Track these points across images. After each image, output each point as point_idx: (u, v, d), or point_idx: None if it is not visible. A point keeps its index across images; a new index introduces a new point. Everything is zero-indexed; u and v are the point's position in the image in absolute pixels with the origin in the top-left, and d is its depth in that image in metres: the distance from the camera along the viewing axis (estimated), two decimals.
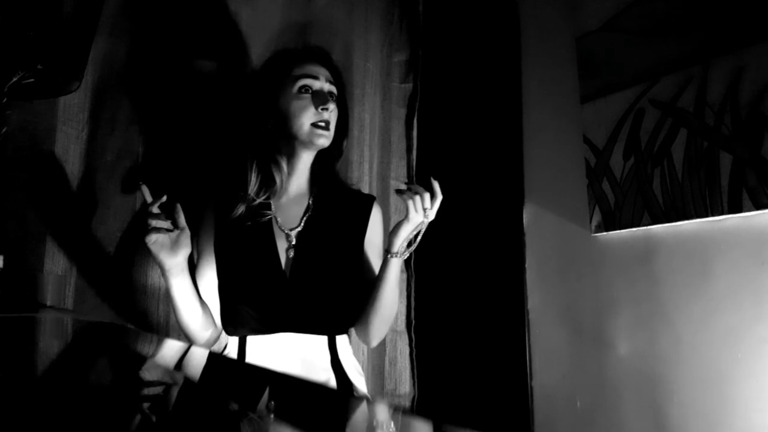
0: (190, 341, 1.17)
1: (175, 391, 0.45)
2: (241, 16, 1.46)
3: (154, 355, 0.70)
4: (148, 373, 0.55)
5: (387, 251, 1.16)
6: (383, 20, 1.75)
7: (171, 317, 1.30)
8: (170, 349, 0.79)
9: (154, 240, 1.05)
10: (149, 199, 1.08)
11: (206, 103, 1.38)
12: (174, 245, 1.07)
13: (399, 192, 1.15)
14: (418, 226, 1.14)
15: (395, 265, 1.16)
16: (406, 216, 1.12)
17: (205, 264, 1.20)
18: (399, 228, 1.14)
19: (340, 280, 1.19)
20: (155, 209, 1.06)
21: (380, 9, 1.75)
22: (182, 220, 1.09)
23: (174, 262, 1.07)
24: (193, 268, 1.19)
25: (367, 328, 1.22)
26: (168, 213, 1.09)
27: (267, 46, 1.49)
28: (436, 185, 1.14)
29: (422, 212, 1.11)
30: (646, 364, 1.29)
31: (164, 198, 1.07)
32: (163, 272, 1.09)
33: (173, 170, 1.33)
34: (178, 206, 1.10)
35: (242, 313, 1.13)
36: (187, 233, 1.09)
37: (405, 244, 1.15)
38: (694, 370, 1.21)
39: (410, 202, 1.11)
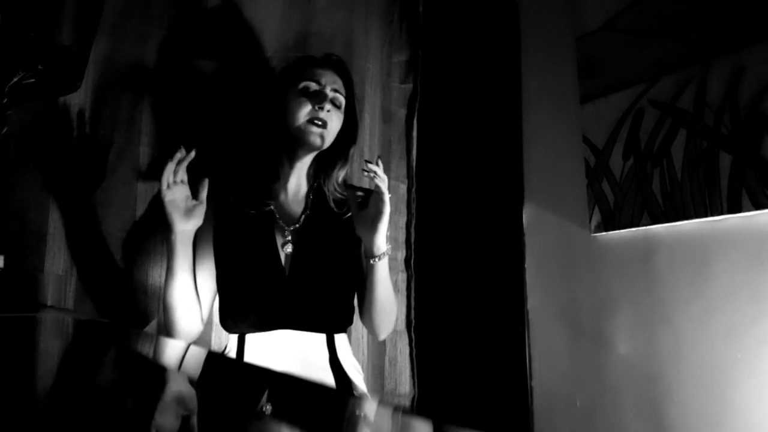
0: (171, 334, 1.14)
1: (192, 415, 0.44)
2: (240, 14, 1.46)
3: (156, 357, 0.70)
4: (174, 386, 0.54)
5: (370, 257, 1.12)
6: (383, 20, 1.75)
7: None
8: (173, 350, 0.79)
9: (170, 197, 1.07)
10: (183, 163, 1.10)
11: (206, 100, 1.38)
12: (187, 211, 1.10)
13: (367, 174, 1.07)
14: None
15: (384, 267, 1.15)
16: (380, 209, 1.08)
17: (203, 259, 1.20)
18: (376, 227, 1.09)
19: (340, 277, 1.19)
20: (181, 167, 1.09)
21: (380, 9, 1.75)
22: (204, 194, 1.12)
23: (184, 227, 1.10)
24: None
25: (371, 326, 1.25)
26: (193, 184, 1.13)
27: (267, 46, 1.49)
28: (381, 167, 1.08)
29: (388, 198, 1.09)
30: (646, 363, 1.29)
31: (193, 153, 1.10)
32: (171, 238, 1.09)
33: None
34: (206, 181, 1.13)
35: (241, 309, 1.13)
36: (203, 208, 1.12)
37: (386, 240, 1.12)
38: (693, 369, 1.21)
39: (387, 194, 1.07)
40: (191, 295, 1.13)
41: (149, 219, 1.29)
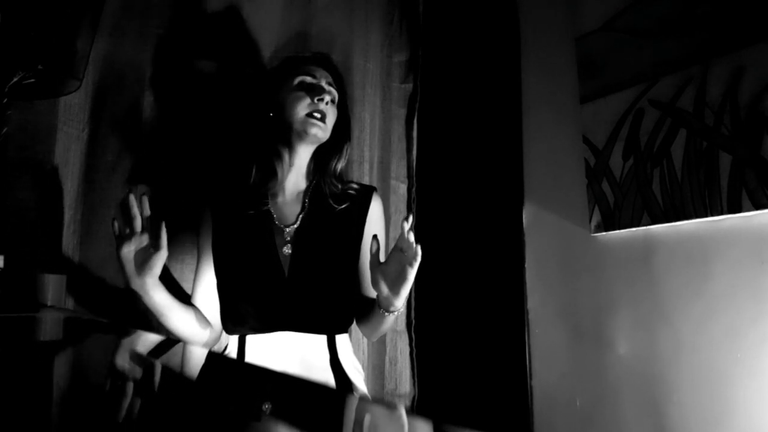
0: (188, 343, 1.16)
1: (154, 381, 0.45)
2: (240, 15, 1.46)
3: (131, 346, 0.70)
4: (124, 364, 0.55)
5: (384, 309, 1.10)
6: (383, 21, 1.75)
7: None
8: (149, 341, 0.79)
9: (125, 250, 0.99)
10: (135, 210, 1.00)
11: (204, 101, 1.38)
12: (142, 264, 1.01)
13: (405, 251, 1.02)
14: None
15: (392, 318, 1.14)
16: (405, 274, 1.02)
17: (205, 264, 1.20)
18: (398, 291, 1.04)
19: (339, 277, 1.19)
20: (136, 216, 1.00)
21: (380, 9, 1.75)
22: (163, 241, 1.01)
23: (140, 281, 1.01)
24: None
25: (364, 334, 1.32)
26: (151, 230, 1.02)
27: (267, 46, 1.49)
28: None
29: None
30: (646, 363, 1.29)
31: (145, 196, 1.01)
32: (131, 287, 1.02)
33: (172, 170, 1.33)
34: (163, 225, 1.01)
35: (241, 312, 1.13)
36: (163, 256, 1.01)
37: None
38: (693, 369, 1.21)
39: (417, 262, 1.01)
40: (189, 318, 1.13)
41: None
